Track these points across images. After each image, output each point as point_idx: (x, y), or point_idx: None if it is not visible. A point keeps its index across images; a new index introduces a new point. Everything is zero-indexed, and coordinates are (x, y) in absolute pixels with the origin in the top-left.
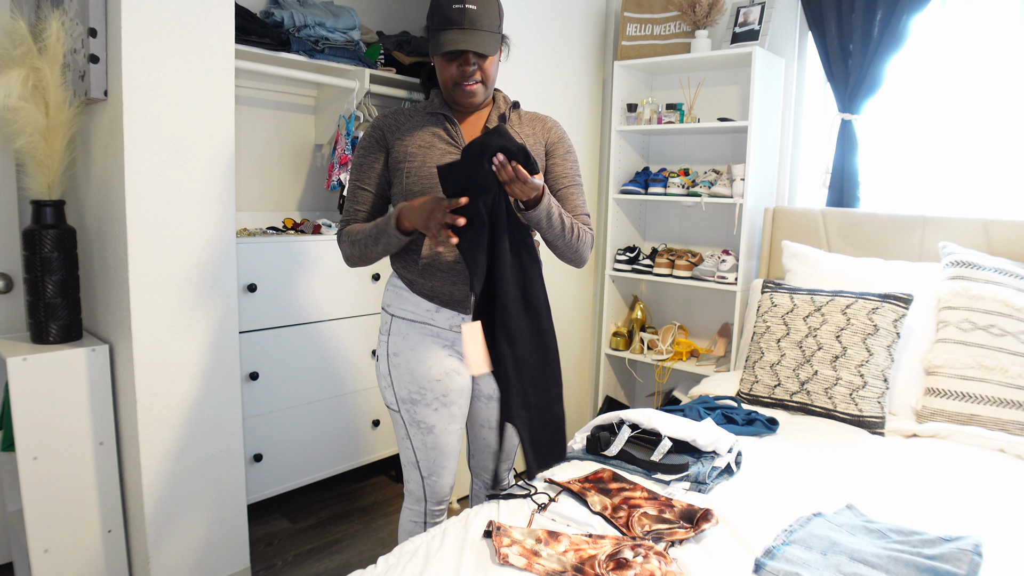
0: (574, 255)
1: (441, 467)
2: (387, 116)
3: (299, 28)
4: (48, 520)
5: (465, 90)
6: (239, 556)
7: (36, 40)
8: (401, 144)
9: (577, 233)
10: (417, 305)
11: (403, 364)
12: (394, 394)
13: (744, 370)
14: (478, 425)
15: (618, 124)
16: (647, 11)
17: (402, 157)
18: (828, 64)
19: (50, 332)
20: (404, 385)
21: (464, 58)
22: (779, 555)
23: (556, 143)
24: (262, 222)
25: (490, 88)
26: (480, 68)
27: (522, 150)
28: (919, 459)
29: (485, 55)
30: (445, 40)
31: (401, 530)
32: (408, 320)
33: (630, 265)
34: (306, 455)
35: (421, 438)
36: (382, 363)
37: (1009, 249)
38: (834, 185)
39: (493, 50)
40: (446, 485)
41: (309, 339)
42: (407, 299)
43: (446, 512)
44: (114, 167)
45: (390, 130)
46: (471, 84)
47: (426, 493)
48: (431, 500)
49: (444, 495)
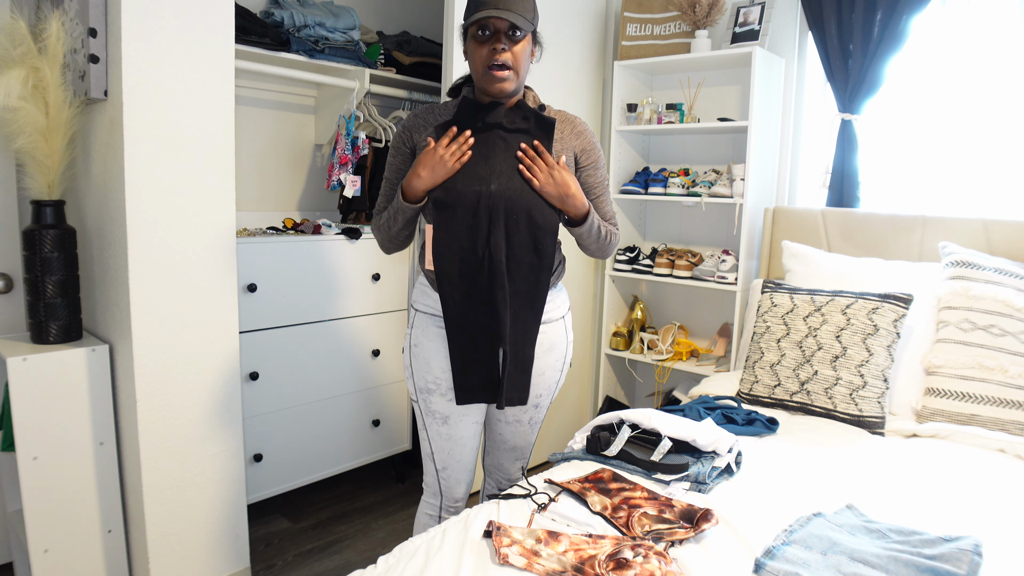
0: (602, 255)
1: (456, 460)
2: (417, 114)
3: (299, 28)
4: (48, 520)
5: (495, 75)
6: (239, 556)
7: (36, 40)
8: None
9: (609, 239)
10: (437, 301)
11: (421, 355)
12: (413, 384)
13: (744, 370)
14: (494, 419)
15: (618, 124)
16: (647, 11)
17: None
18: (828, 64)
19: (50, 332)
20: (422, 375)
21: (495, 37)
22: (779, 555)
23: (588, 151)
24: (262, 222)
25: (520, 81)
26: (511, 52)
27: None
28: (919, 459)
29: (516, 32)
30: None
31: (417, 523)
32: (429, 314)
33: (630, 265)
34: (306, 455)
35: (436, 428)
36: (405, 355)
37: (1009, 249)
38: (834, 185)
39: (525, 26)
40: (461, 481)
41: (309, 339)
42: (429, 295)
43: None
44: (114, 167)
45: (416, 128)
46: (501, 70)
47: (441, 488)
48: (446, 496)
49: (459, 494)
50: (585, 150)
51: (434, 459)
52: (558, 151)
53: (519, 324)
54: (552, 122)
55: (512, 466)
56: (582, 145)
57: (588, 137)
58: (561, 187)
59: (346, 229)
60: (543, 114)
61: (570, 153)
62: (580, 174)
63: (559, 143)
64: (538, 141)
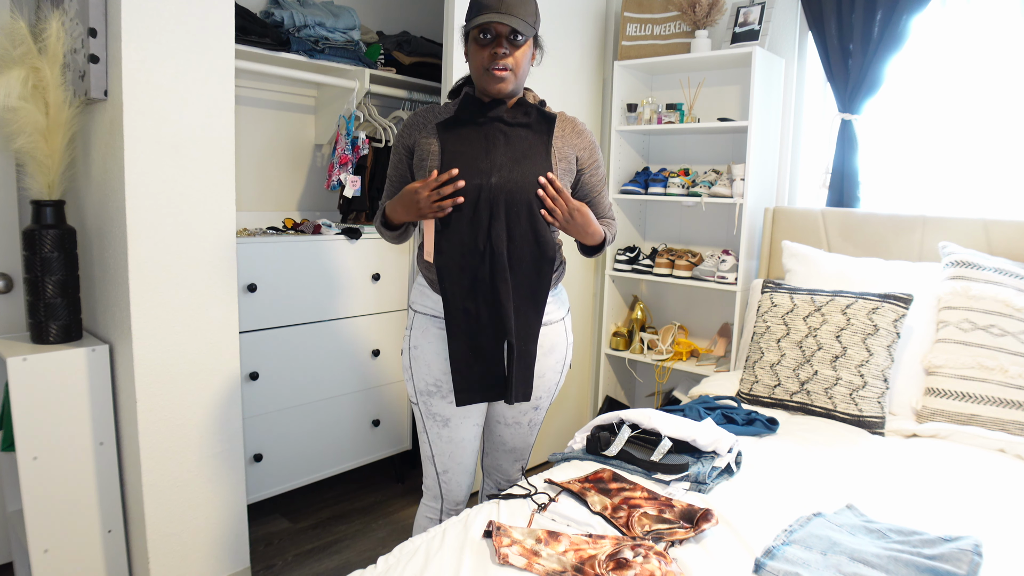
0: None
1: (457, 463)
2: (419, 113)
3: (299, 28)
4: (48, 520)
5: (494, 75)
6: (239, 556)
7: (36, 40)
8: (426, 143)
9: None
10: (437, 302)
11: (421, 357)
12: (413, 387)
13: (744, 370)
14: (494, 421)
15: (618, 124)
16: (647, 11)
17: (425, 156)
18: (828, 64)
19: (50, 332)
20: (422, 377)
21: (496, 42)
22: (779, 555)
23: (589, 151)
24: (262, 222)
25: (519, 82)
26: (512, 56)
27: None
28: (919, 459)
29: (517, 37)
30: (479, 18)
31: (416, 526)
32: (428, 316)
33: (630, 265)
34: (306, 455)
35: (437, 431)
36: (405, 357)
37: (1009, 249)
38: (834, 185)
39: (527, 31)
40: (462, 484)
41: (309, 339)
42: (428, 296)
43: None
44: (114, 167)
45: (417, 128)
46: (501, 70)
47: (442, 491)
48: (447, 499)
49: (460, 497)
50: (586, 150)
51: (435, 462)
52: (560, 148)
53: (521, 318)
54: (553, 118)
55: (511, 467)
56: (583, 144)
57: (588, 137)
58: (582, 227)
59: (346, 229)
60: (544, 110)
61: (571, 152)
62: (581, 175)
63: (560, 140)
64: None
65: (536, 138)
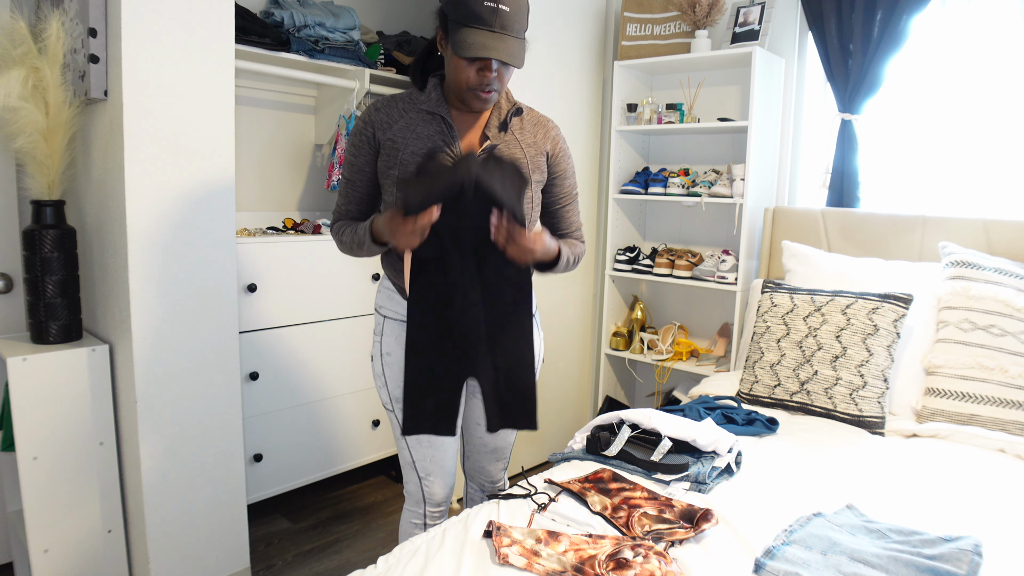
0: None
1: (438, 466)
2: (379, 110)
3: (299, 28)
4: (48, 520)
5: (481, 97)
6: (239, 556)
7: (36, 40)
8: (392, 145)
9: (576, 263)
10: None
11: (395, 363)
12: (388, 393)
13: (744, 370)
14: (473, 423)
15: (618, 124)
16: (647, 11)
17: (392, 163)
18: (828, 64)
19: (50, 332)
20: (397, 384)
21: (487, 64)
22: (779, 555)
23: (559, 156)
24: (262, 222)
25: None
26: (501, 78)
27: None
28: (919, 459)
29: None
30: (473, 43)
31: (401, 532)
32: (399, 321)
33: (630, 265)
34: (306, 455)
35: (416, 436)
36: (376, 363)
37: (1009, 249)
38: (834, 185)
39: (521, 62)
40: (444, 486)
41: (309, 339)
42: (398, 301)
43: (446, 514)
44: (114, 167)
45: (380, 127)
46: (488, 92)
47: (424, 495)
48: (430, 502)
49: (442, 498)
50: (556, 154)
51: (416, 468)
52: (532, 156)
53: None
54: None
55: (494, 467)
56: (554, 149)
57: (560, 142)
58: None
59: None
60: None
61: (542, 157)
62: (551, 178)
63: (532, 147)
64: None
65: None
